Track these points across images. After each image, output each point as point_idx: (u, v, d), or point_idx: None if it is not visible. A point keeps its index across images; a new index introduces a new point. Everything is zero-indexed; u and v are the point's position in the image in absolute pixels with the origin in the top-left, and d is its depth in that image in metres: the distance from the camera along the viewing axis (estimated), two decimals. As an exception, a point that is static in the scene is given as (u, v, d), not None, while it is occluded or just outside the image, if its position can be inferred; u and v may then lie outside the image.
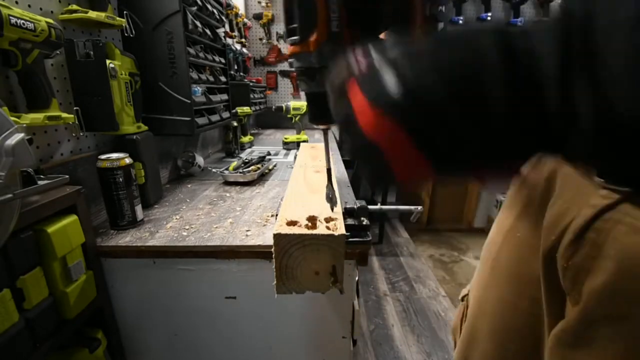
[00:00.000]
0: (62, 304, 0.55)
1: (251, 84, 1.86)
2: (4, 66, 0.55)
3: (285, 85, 2.74)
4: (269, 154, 1.38)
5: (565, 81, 0.21)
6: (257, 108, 2.06)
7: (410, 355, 1.56)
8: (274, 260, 0.49)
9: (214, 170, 1.26)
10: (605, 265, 0.31)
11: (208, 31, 1.11)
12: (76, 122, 0.67)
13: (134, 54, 0.80)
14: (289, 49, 0.40)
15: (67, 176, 0.55)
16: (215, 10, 1.14)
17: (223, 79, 1.30)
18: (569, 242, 0.35)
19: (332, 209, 0.55)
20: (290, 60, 0.41)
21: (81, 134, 0.72)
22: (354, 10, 0.37)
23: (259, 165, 1.17)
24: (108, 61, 0.69)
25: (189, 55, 0.94)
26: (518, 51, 0.22)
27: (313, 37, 0.38)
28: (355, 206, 0.64)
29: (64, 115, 0.62)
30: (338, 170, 1.17)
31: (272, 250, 0.48)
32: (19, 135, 0.42)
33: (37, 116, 0.57)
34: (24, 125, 0.54)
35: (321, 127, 0.47)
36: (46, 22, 0.57)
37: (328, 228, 0.49)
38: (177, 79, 0.92)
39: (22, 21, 0.52)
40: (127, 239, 0.69)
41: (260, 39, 2.60)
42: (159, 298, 0.71)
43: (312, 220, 0.52)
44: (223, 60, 1.28)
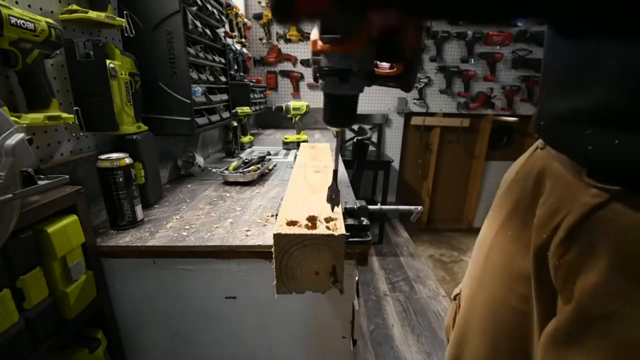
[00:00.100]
0: (62, 304, 0.55)
1: (251, 84, 1.86)
2: (4, 66, 0.55)
3: (285, 85, 2.74)
4: (269, 154, 1.38)
5: None
6: (257, 108, 2.06)
7: (410, 355, 1.56)
8: (274, 260, 0.49)
9: (214, 170, 1.26)
10: (597, 263, 0.31)
11: (208, 31, 1.11)
12: (76, 122, 0.67)
13: (134, 54, 0.80)
14: (320, 46, 0.37)
15: (67, 176, 0.55)
16: (215, 10, 1.14)
17: (223, 79, 1.30)
18: (561, 241, 0.35)
19: (333, 209, 0.55)
20: (317, 57, 0.39)
21: (81, 134, 0.72)
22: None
23: (259, 165, 1.17)
24: (108, 61, 0.70)
25: (189, 55, 0.94)
26: None
27: (358, 39, 0.36)
28: (355, 206, 0.64)
29: (64, 115, 0.62)
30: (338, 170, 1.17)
31: (272, 250, 0.48)
32: (19, 135, 0.42)
33: (37, 116, 0.57)
34: (24, 125, 0.54)
35: (335, 130, 0.46)
36: (46, 22, 0.57)
37: (328, 228, 0.49)
38: (177, 79, 0.92)
39: (22, 21, 0.52)
40: (127, 239, 0.69)
41: (260, 39, 2.60)
42: (159, 298, 0.71)
43: (312, 220, 0.52)
44: (223, 60, 1.28)
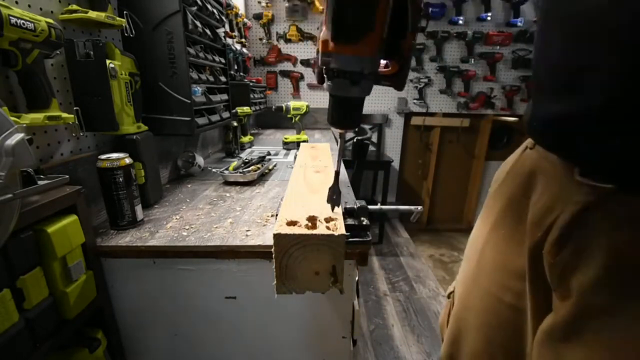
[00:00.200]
0: (62, 304, 0.55)
1: (251, 84, 1.86)
2: (4, 66, 0.55)
3: (285, 85, 2.74)
4: (269, 154, 1.37)
5: None
6: (257, 108, 2.06)
7: (410, 355, 1.56)
8: (274, 260, 0.49)
9: (214, 170, 1.26)
10: (593, 260, 0.32)
11: (208, 31, 1.11)
12: (76, 122, 0.67)
13: (134, 54, 0.80)
14: (331, 47, 0.36)
15: (67, 176, 0.55)
16: (215, 10, 1.14)
17: (223, 79, 1.30)
18: (555, 239, 0.36)
19: (333, 209, 0.55)
20: (327, 58, 0.37)
21: (81, 134, 0.72)
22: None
23: (259, 165, 1.17)
24: (108, 61, 0.70)
25: (189, 55, 0.94)
26: None
27: (370, 41, 0.35)
28: (355, 206, 0.64)
29: (64, 115, 0.62)
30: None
31: (272, 250, 0.48)
32: (19, 135, 0.42)
33: (37, 116, 0.57)
34: (24, 125, 0.54)
35: (339, 131, 0.46)
36: (46, 22, 0.57)
37: (328, 228, 0.49)
38: (177, 79, 0.92)
39: (22, 21, 0.52)
40: (127, 239, 0.69)
41: (260, 39, 2.60)
42: (159, 298, 0.71)
43: (312, 220, 0.52)
44: (223, 60, 1.28)
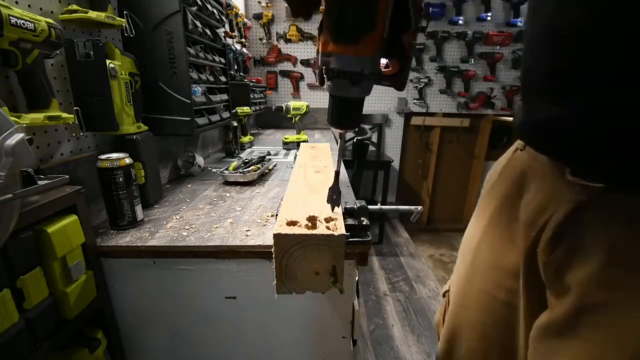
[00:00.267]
0: (62, 304, 0.55)
1: (251, 84, 1.86)
2: (4, 66, 0.55)
3: (285, 85, 2.74)
4: (269, 154, 1.38)
5: None
6: (257, 108, 2.06)
7: (410, 355, 1.56)
8: (274, 260, 0.49)
9: (214, 170, 1.26)
10: (587, 258, 0.32)
11: (208, 31, 1.11)
12: (76, 122, 0.67)
13: (134, 54, 0.80)
14: (331, 47, 0.36)
15: (67, 176, 0.55)
16: (215, 10, 1.14)
17: (223, 79, 1.30)
18: (549, 238, 0.36)
19: (333, 209, 0.55)
20: (327, 58, 0.37)
21: (81, 134, 0.72)
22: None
23: (259, 165, 1.17)
24: (108, 61, 0.70)
25: (189, 55, 0.94)
26: None
27: (370, 41, 0.34)
28: (355, 206, 0.64)
29: (64, 115, 0.62)
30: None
31: (272, 250, 0.48)
32: (19, 135, 0.42)
33: (37, 116, 0.57)
34: (24, 125, 0.54)
35: (339, 131, 0.46)
36: (46, 22, 0.57)
37: (328, 228, 0.49)
38: (177, 79, 0.92)
39: (22, 21, 0.52)
40: (127, 239, 0.69)
41: (260, 39, 2.60)
42: (159, 298, 0.71)
43: (312, 220, 0.52)
44: (223, 60, 1.28)
